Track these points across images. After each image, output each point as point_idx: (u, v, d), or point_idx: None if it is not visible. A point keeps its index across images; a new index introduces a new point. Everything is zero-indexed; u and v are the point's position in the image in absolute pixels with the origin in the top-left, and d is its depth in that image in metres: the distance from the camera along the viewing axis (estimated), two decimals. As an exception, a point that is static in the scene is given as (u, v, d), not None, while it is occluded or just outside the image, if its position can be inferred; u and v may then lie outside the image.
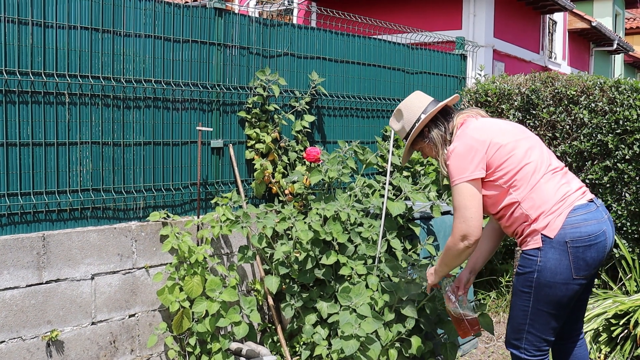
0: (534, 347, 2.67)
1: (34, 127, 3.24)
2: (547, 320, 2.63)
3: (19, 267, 3.13)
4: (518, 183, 2.63)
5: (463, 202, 2.63)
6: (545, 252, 2.55)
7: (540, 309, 2.62)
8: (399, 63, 5.38)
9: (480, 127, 2.72)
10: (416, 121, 2.87)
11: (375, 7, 11.32)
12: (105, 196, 3.53)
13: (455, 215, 2.67)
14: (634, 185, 4.78)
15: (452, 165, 2.67)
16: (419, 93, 2.97)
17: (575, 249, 2.54)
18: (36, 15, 3.20)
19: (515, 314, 2.69)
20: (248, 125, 4.22)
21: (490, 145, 2.64)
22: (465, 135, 2.71)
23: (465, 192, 2.62)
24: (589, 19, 15.45)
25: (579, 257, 2.55)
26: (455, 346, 3.70)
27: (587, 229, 2.56)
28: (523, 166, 2.63)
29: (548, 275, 2.56)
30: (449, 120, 2.84)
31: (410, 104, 2.92)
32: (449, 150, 2.71)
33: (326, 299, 3.77)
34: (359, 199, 4.04)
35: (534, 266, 2.58)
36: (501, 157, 2.63)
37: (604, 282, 5.11)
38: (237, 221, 3.75)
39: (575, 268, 2.55)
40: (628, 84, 4.88)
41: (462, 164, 2.63)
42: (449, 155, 2.70)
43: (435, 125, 2.85)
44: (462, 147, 2.66)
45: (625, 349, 4.08)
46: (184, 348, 3.69)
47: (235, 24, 4.14)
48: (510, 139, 2.69)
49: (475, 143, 2.65)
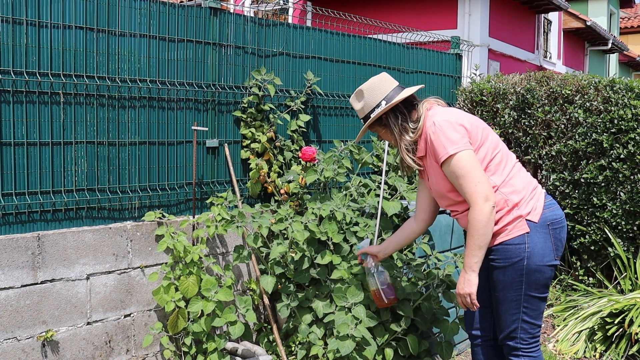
0: (529, 335, 2.71)
1: (28, 127, 3.23)
2: (538, 305, 2.69)
3: (13, 267, 3.12)
4: (494, 168, 2.65)
5: (470, 165, 2.55)
6: (532, 236, 2.61)
7: (531, 295, 2.66)
8: (394, 62, 5.38)
9: (453, 111, 2.71)
10: (376, 106, 2.78)
11: (370, 6, 11.32)
12: (101, 196, 3.52)
13: (464, 184, 2.56)
14: (628, 184, 4.80)
15: (441, 139, 2.59)
16: (385, 76, 2.85)
17: (554, 231, 2.66)
18: (30, 15, 3.19)
19: (507, 306, 2.70)
20: (243, 124, 4.22)
21: (470, 126, 2.63)
22: (444, 113, 2.67)
23: (468, 158, 2.56)
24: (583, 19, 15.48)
25: (557, 238, 2.67)
26: (451, 345, 3.70)
27: (558, 212, 2.72)
28: (497, 152, 2.68)
29: (537, 260, 2.62)
30: (411, 109, 2.77)
31: (374, 86, 2.81)
32: (430, 126, 2.63)
33: (322, 299, 3.77)
34: (354, 199, 4.04)
35: (522, 254, 2.61)
36: (478, 139, 2.64)
37: (599, 281, 5.13)
38: (232, 221, 3.75)
39: (556, 249, 2.67)
40: (623, 83, 4.90)
41: (452, 136, 2.58)
42: (434, 131, 2.61)
43: (395, 114, 2.76)
44: (445, 123, 2.61)
45: (620, 347, 4.09)
46: (180, 348, 3.69)
47: (231, 24, 4.13)
48: (483, 125, 2.72)
49: (456, 120, 2.62)
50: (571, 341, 4.34)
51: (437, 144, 2.61)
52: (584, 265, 5.19)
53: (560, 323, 4.60)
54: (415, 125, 2.73)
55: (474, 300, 2.62)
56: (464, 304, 2.66)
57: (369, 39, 5.15)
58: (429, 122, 2.67)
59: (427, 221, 3.07)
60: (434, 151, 2.63)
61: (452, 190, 2.70)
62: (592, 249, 5.09)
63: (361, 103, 2.84)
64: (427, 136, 2.66)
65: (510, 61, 12.02)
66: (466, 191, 2.56)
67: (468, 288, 2.61)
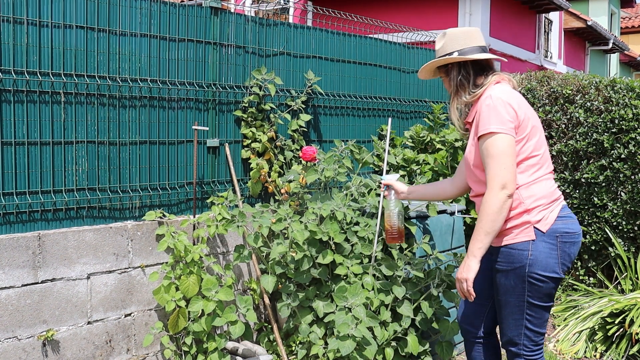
0: (532, 343, 2.68)
1: (29, 127, 3.23)
2: (541, 313, 2.66)
3: (14, 266, 3.12)
4: (525, 167, 2.62)
5: (505, 150, 2.51)
6: (536, 245, 2.58)
7: (533, 303, 2.63)
8: (395, 62, 5.38)
9: (516, 96, 2.65)
10: (448, 54, 2.76)
11: (371, 6, 11.32)
12: (101, 195, 3.52)
13: (491, 164, 2.52)
14: (629, 184, 4.79)
15: (490, 113, 2.55)
16: (475, 32, 2.80)
17: (563, 244, 2.60)
18: (31, 15, 3.19)
19: (510, 311, 2.68)
20: (244, 124, 4.22)
21: (523, 117, 2.60)
22: (506, 92, 2.62)
23: (506, 142, 2.52)
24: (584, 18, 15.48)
25: (565, 252, 2.61)
26: (451, 345, 3.70)
27: (572, 226, 2.65)
28: (536, 155, 2.64)
29: (539, 269, 2.58)
30: (479, 74, 2.73)
31: (458, 35, 2.77)
32: (487, 98, 2.60)
33: (322, 298, 3.78)
34: (355, 198, 4.04)
35: (524, 260, 2.59)
36: (524, 133, 2.60)
37: (600, 281, 5.13)
38: (233, 220, 3.75)
39: (562, 263, 2.61)
40: (623, 83, 4.89)
41: (501, 115, 2.54)
42: (487, 104, 2.57)
43: (459, 69, 2.74)
44: (501, 101, 2.56)
45: (620, 347, 4.09)
46: (180, 347, 3.69)
47: (231, 23, 4.13)
48: (536, 123, 2.67)
49: (511, 104, 2.58)
50: (572, 341, 4.34)
51: (484, 116, 2.57)
52: (585, 265, 5.19)
53: (561, 323, 4.60)
54: (474, 90, 2.69)
55: (469, 287, 2.59)
56: (461, 290, 2.63)
57: (370, 38, 5.15)
58: (487, 92, 2.64)
59: (461, 188, 3.04)
60: (478, 122, 2.60)
61: (479, 166, 2.67)
62: (592, 249, 5.09)
63: (440, 43, 2.81)
64: (480, 105, 2.63)
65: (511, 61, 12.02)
66: (489, 172, 2.52)
67: (466, 273, 2.58)
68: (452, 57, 2.73)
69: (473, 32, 2.78)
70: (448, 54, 2.76)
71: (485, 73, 2.74)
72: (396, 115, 5.43)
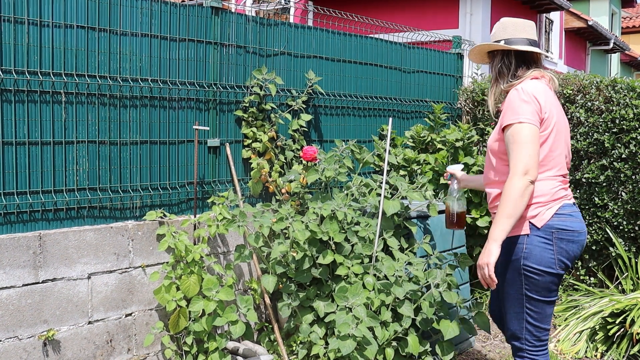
0: (534, 338, 2.72)
1: (30, 126, 3.23)
2: (542, 308, 2.70)
3: (15, 266, 3.12)
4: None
5: (532, 139, 2.59)
6: (531, 239, 2.65)
7: (532, 297, 2.68)
8: (395, 62, 5.38)
9: (548, 95, 2.72)
10: (497, 41, 2.87)
11: (371, 6, 11.32)
12: (102, 195, 3.53)
13: (516, 150, 2.59)
14: (630, 184, 4.79)
15: (519, 104, 2.63)
16: (528, 24, 2.89)
17: (559, 240, 2.64)
18: (32, 14, 3.19)
19: (511, 304, 2.73)
20: (245, 124, 4.22)
21: (547, 116, 2.67)
22: (538, 88, 2.70)
23: (533, 133, 2.60)
24: (585, 18, 15.47)
25: (562, 248, 2.65)
26: (452, 345, 3.70)
27: (572, 224, 2.69)
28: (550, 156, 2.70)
29: (534, 262, 2.64)
30: (522, 66, 2.80)
31: (509, 25, 2.87)
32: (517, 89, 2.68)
33: (323, 298, 3.78)
34: (355, 198, 4.05)
35: (519, 253, 2.66)
36: (545, 132, 2.67)
37: (601, 281, 5.12)
38: (233, 220, 3.75)
39: (558, 259, 2.65)
40: (624, 83, 4.89)
41: (527, 107, 2.62)
42: (516, 94, 2.66)
43: (502, 58, 2.84)
44: (530, 95, 2.64)
45: (621, 347, 4.09)
46: (181, 347, 3.69)
47: (232, 23, 4.13)
48: (561, 127, 2.74)
49: (539, 100, 2.65)
50: (572, 341, 4.33)
51: (514, 106, 2.64)
52: (585, 265, 5.19)
53: (562, 323, 4.60)
54: (511, 80, 2.78)
55: (491, 272, 2.58)
56: (483, 277, 2.63)
57: (370, 38, 5.14)
58: (520, 85, 2.72)
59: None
60: (506, 111, 2.68)
61: (495, 153, 2.76)
62: (593, 249, 5.09)
63: (494, 30, 2.92)
64: (510, 96, 2.71)
65: (511, 61, 11.99)
66: (514, 158, 2.58)
67: (487, 258, 2.58)
68: (498, 44, 2.84)
69: (524, 25, 2.87)
70: (495, 41, 2.87)
71: (527, 66, 2.81)
72: (397, 115, 5.43)
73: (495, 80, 2.87)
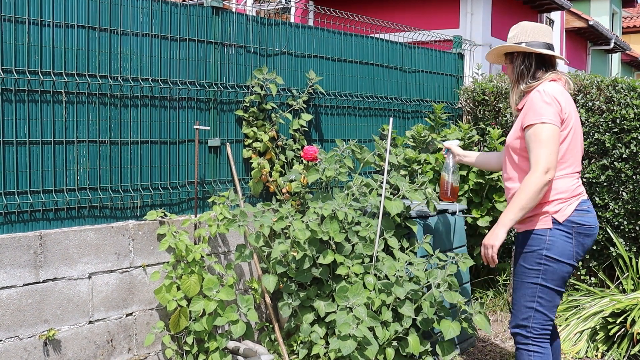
0: (540, 326, 2.87)
1: (31, 126, 3.23)
2: (553, 297, 2.86)
3: (16, 266, 3.12)
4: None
5: (553, 138, 2.75)
6: (553, 232, 2.83)
7: (547, 286, 2.84)
8: (396, 62, 5.38)
9: (566, 97, 2.89)
10: (518, 43, 3.01)
11: (372, 5, 11.32)
12: (103, 195, 3.53)
13: (537, 148, 2.75)
14: (631, 184, 4.79)
15: (542, 105, 2.79)
16: (546, 29, 3.04)
17: (578, 234, 2.84)
18: (33, 14, 3.19)
19: (523, 292, 2.88)
20: (245, 124, 4.22)
21: (566, 118, 2.83)
22: (557, 90, 2.86)
23: (553, 131, 2.76)
24: (586, 18, 15.47)
25: (580, 242, 2.85)
26: (452, 345, 3.70)
27: (589, 219, 2.89)
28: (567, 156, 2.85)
29: (556, 253, 2.82)
30: (540, 68, 2.96)
31: (529, 29, 3.02)
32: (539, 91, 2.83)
33: (323, 298, 3.78)
34: (356, 198, 4.05)
35: (542, 244, 2.82)
36: (565, 132, 2.83)
37: (601, 281, 5.12)
38: (234, 220, 3.75)
39: (576, 252, 2.85)
40: (625, 83, 4.89)
41: (549, 108, 2.78)
42: (539, 96, 2.81)
43: (523, 59, 2.98)
44: (552, 97, 2.80)
45: (622, 347, 4.09)
46: (182, 347, 3.69)
47: (233, 23, 4.13)
48: (576, 127, 2.90)
49: (559, 101, 2.81)
50: (573, 341, 4.33)
51: (536, 107, 2.80)
52: (586, 265, 5.19)
53: (562, 323, 4.60)
54: (531, 82, 2.95)
55: (494, 254, 2.81)
56: (485, 255, 2.84)
57: (371, 38, 5.14)
58: (540, 87, 2.87)
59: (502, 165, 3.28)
60: (528, 111, 2.83)
61: (519, 152, 2.91)
62: (594, 249, 5.08)
63: (513, 33, 3.07)
64: (532, 97, 2.86)
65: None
66: (535, 155, 2.75)
67: (493, 240, 2.80)
68: (520, 46, 2.98)
69: (544, 29, 3.04)
70: (517, 43, 3.01)
71: (545, 68, 2.98)
72: (397, 115, 5.43)
73: (516, 82, 3.01)
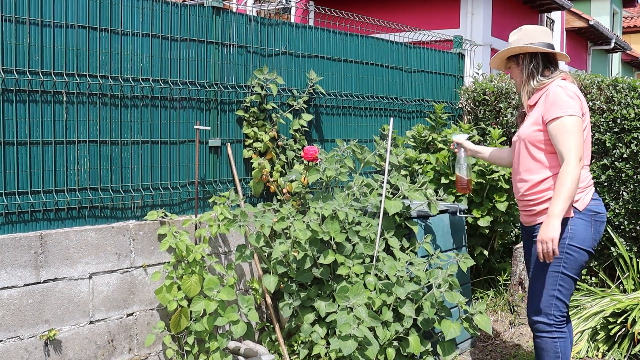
0: (560, 312, 2.99)
1: (31, 126, 3.23)
2: (571, 285, 2.99)
3: (16, 266, 3.12)
4: None
5: (578, 129, 2.88)
6: (575, 221, 2.94)
7: (567, 274, 2.95)
8: (396, 62, 5.38)
9: (580, 95, 3.01)
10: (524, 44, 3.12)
11: (373, 6, 11.33)
12: (103, 195, 3.53)
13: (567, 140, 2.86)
14: (631, 183, 4.79)
15: (565, 100, 2.91)
16: (547, 30, 3.19)
17: (596, 222, 2.98)
18: (33, 14, 3.19)
19: (545, 281, 2.97)
20: (246, 124, 4.22)
21: (585, 111, 2.98)
22: (574, 88, 2.99)
23: (579, 125, 2.89)
24: (586, 18, 15.47)
25: (597, 229, 2.98)
26: (453, 345, 3.70)
27: (601, 208, 3.04)
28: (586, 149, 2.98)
29: (578, 241, 2.92)
30: (547, 67, 3.10)
31: (531, 31, 3.16)
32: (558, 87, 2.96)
33: (324, 298, 3.78)
34: (356, 198, 4.04)
35: (566, 233, 2.92)
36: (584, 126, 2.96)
37: (602, 281, 5.12)
38: (234, 220, 3.75)
39: (594, 239, 2.97)
40: (626, 83, 4.89)
41: (574, 102, 2.92)
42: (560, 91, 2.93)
43: (531, 59, 3.11)
44: (572, 93, 2.94)
45: (622, 347, 4.09)
46: (182, 347, 3.69)
47: (233, 23, 4.13)
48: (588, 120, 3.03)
49: (579, 98, 2.96)
50: (574, 341, 4.33)
51: (560, 101, 2.92)
52: (587, 265, 5.19)
53: (563, 323, 4.60)
54: (542, 79, 3.07)
55: (555, 247, 2.82)
56: (544, 251, 2.85)
57: (372, 38, 5.14)
58: (557, 83, 3.01)
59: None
60: (551, 105, 2.94)
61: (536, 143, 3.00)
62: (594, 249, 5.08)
63: (515, 37, 3.20)
64: (550, 92, 2.98)
65: (512, 60, 11.99)
66: (566, 146, 2.86)
67: (551, 233, 2.82)
68: (529, 46, 3.10)
69: (544, 31, 3.18)
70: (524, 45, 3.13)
71: (551, 68, 3.12)
72: (398, 115, 5.43)
73: (527, 80, 3.12)
